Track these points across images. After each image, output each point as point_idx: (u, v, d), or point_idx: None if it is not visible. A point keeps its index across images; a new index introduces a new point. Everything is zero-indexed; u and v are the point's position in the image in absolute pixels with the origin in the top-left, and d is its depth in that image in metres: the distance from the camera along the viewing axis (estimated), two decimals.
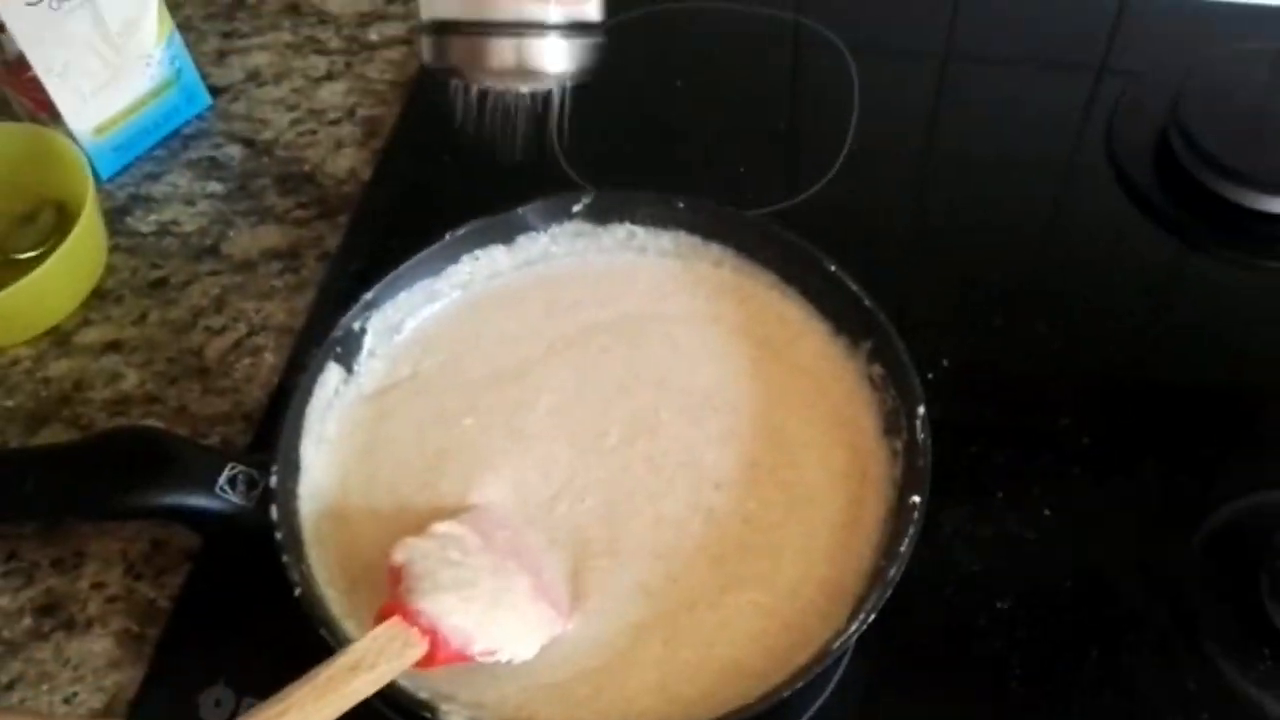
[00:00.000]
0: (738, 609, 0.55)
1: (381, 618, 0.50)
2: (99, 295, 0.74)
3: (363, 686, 0.48)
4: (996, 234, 0.74)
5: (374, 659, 0.48)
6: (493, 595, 0.52)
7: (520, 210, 0.66)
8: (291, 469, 0.58)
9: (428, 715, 0.50)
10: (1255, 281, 0.73)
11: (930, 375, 0.65)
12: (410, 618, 0.50)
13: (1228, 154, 0.73)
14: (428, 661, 0.50)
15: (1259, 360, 0.69)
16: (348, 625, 0.54)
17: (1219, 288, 0.73)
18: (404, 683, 0.50)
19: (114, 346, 0.72)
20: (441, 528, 0.54)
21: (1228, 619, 0.58)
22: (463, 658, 0.51)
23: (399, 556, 0.52)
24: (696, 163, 0.79)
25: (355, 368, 0.63)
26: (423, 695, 0.51)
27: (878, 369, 0.60)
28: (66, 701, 0.59)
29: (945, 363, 0.67)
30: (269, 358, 0.71)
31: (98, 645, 0.60)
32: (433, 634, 0.50)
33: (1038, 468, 0.64)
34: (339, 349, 0.62)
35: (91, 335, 0.73)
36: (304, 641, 0.51)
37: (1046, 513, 0.62)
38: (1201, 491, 0.63)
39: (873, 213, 0.75)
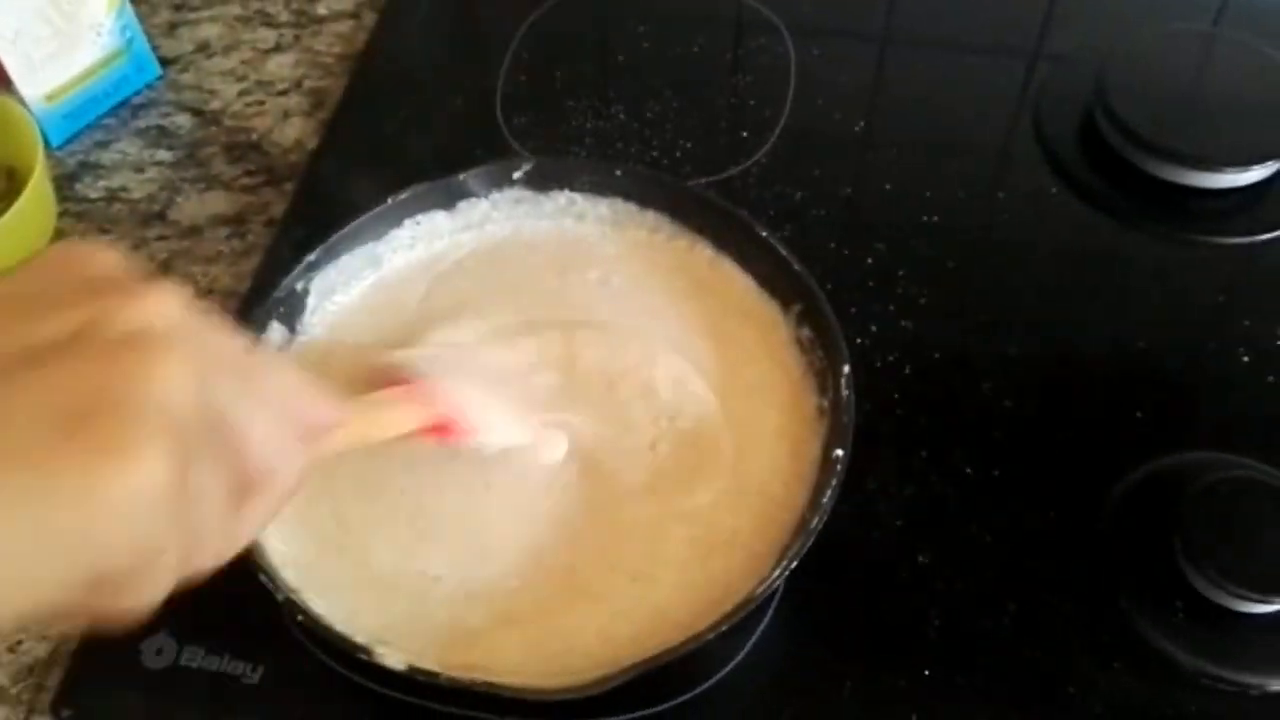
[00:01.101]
0: (675, 542, 0.57)
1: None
2: None
3: (373, 434, 0.52)
4: (928, 211, 0.75)
5: (393, 412, 0.53)
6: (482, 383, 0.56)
7: (461, 176, 0.67)
8: None
9: (364, 656, 0.51)
10: (1182, 255, 0.75)
11: (858, 340, 0.67)
12: (422, 389, 0.54)
13: (1153, 131, 0.75)
14: (432, 430, 0.53)
15: (1183, 331, 0.71)
16: (288, 574, 0.55)
17: (1147, 262, 0.74)
18: (340, 627, 0.52)
19: None
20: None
21: (1142, 575, 0.60)
22: (457, 430, 0.54)
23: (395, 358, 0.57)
24: (635, 134, 0.80)
25: (298, 327, 0.64)
26: (359, 639, 0.52)
27: (806, 332, 0.62)
28: (11, 650, 0.59)
29: (873, 328, 0.68)
30: None
31: None
32: (442, 402, 0.54)
33: (960, 429, 0.65)
34: (282, 309, 0.62)
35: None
36: (246, 590, 0.52)
37: (968, 471, 0.63)
38: (1118, 452, 0.64)
39: (806, 186, 0.76)
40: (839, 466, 0.55)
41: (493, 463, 0.58)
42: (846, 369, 0.58)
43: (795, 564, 0.53)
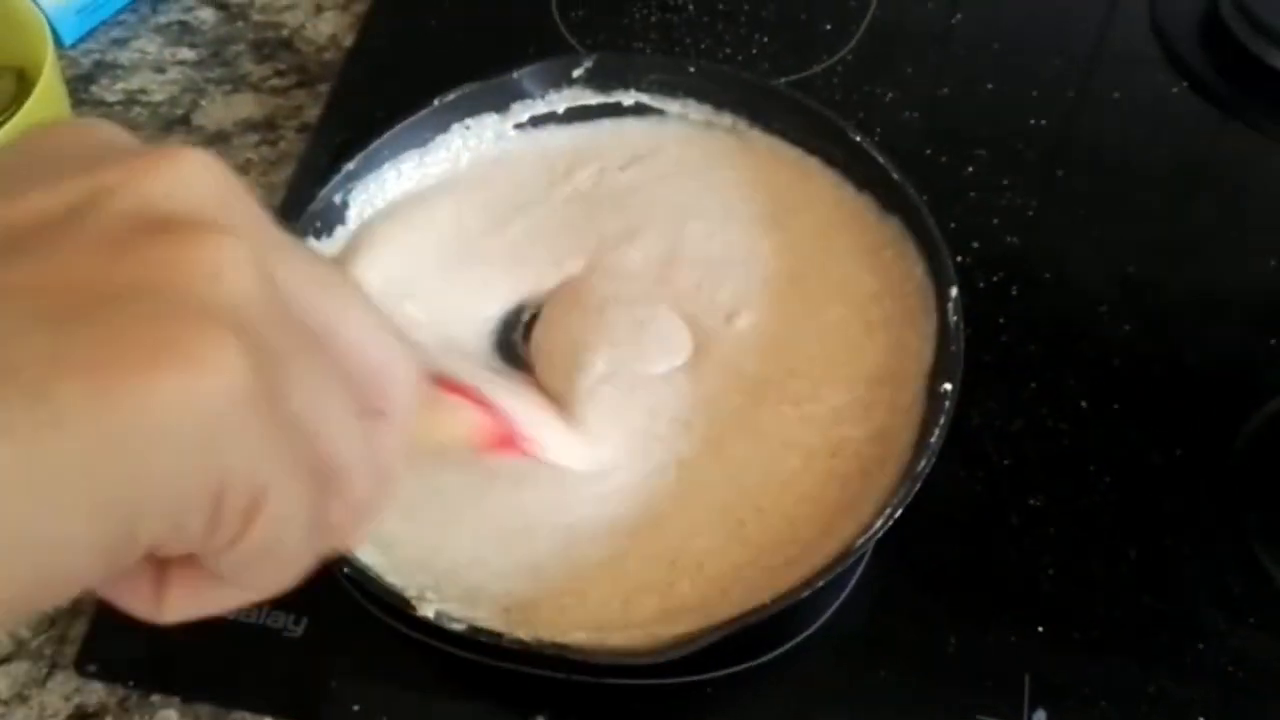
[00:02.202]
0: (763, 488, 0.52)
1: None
2: None
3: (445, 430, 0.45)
4: (1029, 110, 0.70)
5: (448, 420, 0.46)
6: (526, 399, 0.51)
7: (515, 74, 0.62)
8: None
9: (419, 614, 0.46)
10: None
11: (960, 258, 0.62)
12: (474, 399, 0.47)
13: None
14: (493, 443, 0.48)
15: None
16: None
17: (1271, 166, 0.69)
18: (392, 578, 0.47)
19: None
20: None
21: (1276, 519, 0.55)
22: (520, 445, 0.49)
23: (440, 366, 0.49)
24: (706, 29, 0.75)
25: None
26: (412, 593, 0.47)
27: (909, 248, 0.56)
28: None
29: (975, 245, 0.63)
30: None
31: None
32: (497, 415, 0.48)
33: (1074, 357, 0.60)
34: (318, 223, 0.57)
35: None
36: None
37: (1083, 404, 0.59)
38: (1249, 383, 0.59)
39: (898, 86, 0.71)
40: (947, 403, 0.50)
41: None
42: (954, 292, 0.53)
43: (900, 512, 0.47)
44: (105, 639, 0.53)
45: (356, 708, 0.51)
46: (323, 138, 0.70)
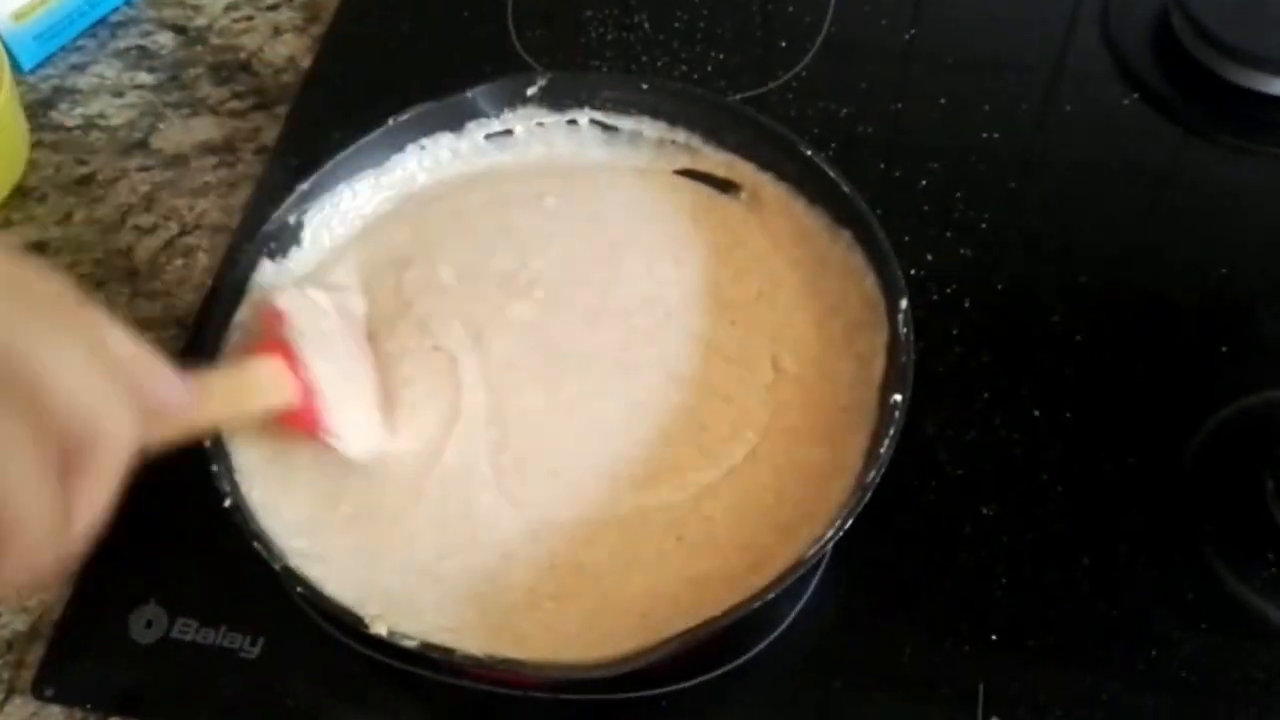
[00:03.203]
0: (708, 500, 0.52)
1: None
2: (21, 193, 0.70)
3: (223, 417, 0.47)
4: (986, 127, 0.70)
5: (249, 392, 0.48)
6: (349, 378, 0.51)
7: (470, 93, 0.61)
8: None
9: (370, 631, 0.46)
10: (1268, 171, 0.69)
11: (913, 270, 0.62)
12: (294, 365, 0.49)
13: (1234, 33, 0.69)
14: (289, 415, 0.49)
15: (1262, 254, 0.65)
16: (300, 541, 0.50)
17: (1229, 180, 0.69)
18: (349, 597, 0.47)
19: (37, 247, 0.68)
20: (315, 293, 0.53)
21: (1229, 525, 0.56)
22: (313, 425, 0.50)
23: (284, 303, 0.51)
24: (662, 46, 0.74)
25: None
26: (371, 610, 0.47)
27: (858, 261, 0.56)
28: None
29: (929, 257, 0.63)
30: (202, 258, 0.67)
31: None
32: (307, 388, 0.49)
33: (1026, 367, 0.60)
34: (273, 244, 0.57)
35: (13, 236, 0.68)
36: (237, 554, 0.48)
37: (1036, 414, 0.59)
38: (1200, 391, 0.60)
39: (852, 102, 0.71)
40: (897, 413, 0.50)
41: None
42: (904, 303, 0.53)
43: (850, 522, 0.48)
44: (62, 663, 0.53)
45: None
46: (281, 160, 0.70)
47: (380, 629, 0.46)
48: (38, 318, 0.29)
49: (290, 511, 0.51)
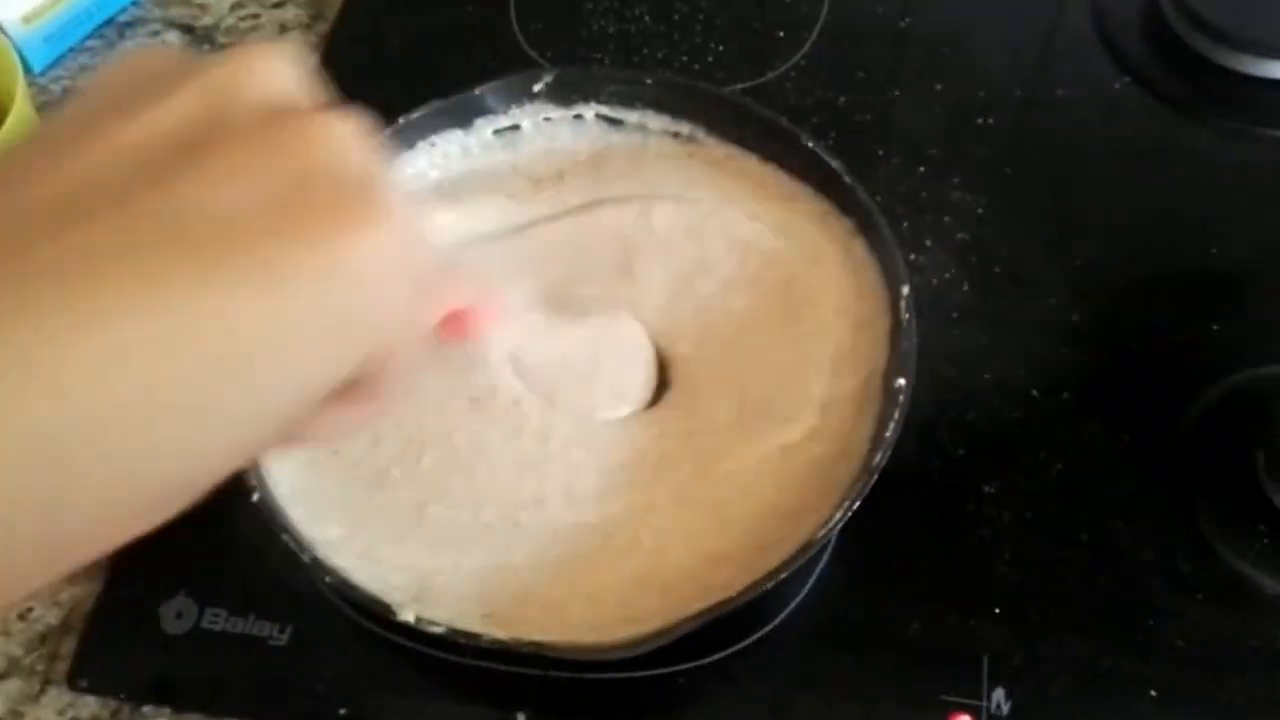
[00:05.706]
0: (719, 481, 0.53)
1: None
2: None
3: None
4: (978, 110, 0.70)
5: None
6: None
7: (478, 91, 0.62)
8: None
9: (399, 619, 0.47)
10: (1259, 153, 0.70)
11: (912, 256, 0.63)
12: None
13: (1224, 17, 0.70)
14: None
15: (1262, 235, 0.66)
16: (329, 529, 0.52)
17: (1221, 161, 0.69)
18: (375, 585, 0.49)
19: None
20: None
21: (1222, 498, 0.57)
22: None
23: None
24: (661, 38, 0.75)
25: None
26: (397, 597, 0.49)
27: (859, 249, 0.57)
28: (21, 618, 0.56)
29: (928, 242, 0.64)
30: None
31: None
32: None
33: (1024, 348, 0.61)
34: None
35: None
36: (264, 544, 0.49)
37: (1034, 393, 0.60)
38: (1195, 368, 0.61)
39: (850, 90, 0.71)
40: (902, 397, 0.51)
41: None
42: (906, 289, 0.54)
43: (858, 505, 0.49)
44: (95, 655, 0.54)
45: (343, 711, 0.52)
46: None
47: (408, 616, 0.47)
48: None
49: (318, 499, 0.52)
